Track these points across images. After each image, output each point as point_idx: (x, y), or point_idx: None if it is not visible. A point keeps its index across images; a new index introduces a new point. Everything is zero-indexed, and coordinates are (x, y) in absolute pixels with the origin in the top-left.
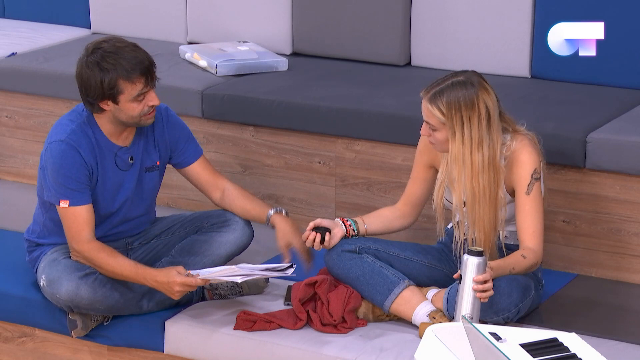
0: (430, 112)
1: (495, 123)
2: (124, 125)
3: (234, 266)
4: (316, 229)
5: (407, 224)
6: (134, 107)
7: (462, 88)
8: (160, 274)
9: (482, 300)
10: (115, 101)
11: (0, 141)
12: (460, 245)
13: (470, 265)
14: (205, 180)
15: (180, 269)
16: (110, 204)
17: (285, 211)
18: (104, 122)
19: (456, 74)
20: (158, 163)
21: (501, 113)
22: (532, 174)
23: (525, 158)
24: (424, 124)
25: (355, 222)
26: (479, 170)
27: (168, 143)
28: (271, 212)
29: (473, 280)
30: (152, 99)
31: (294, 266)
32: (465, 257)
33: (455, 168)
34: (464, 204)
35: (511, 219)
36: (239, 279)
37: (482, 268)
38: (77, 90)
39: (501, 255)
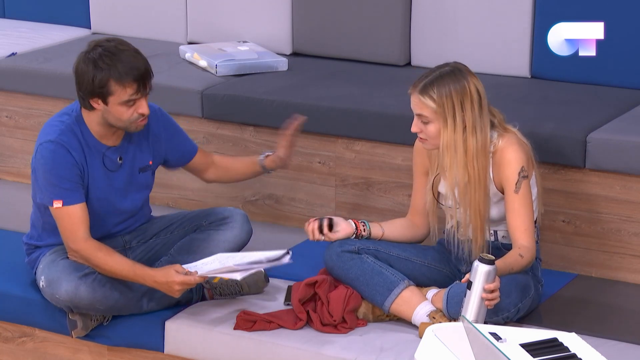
0: (422, 103)
1: (485, 108)
2: (114, 128)
3: (229, 261)
4: (320, 219)
5: (422, 234)
6: (122, 111)
7: (451, 76)
8: (158, 274)
9: (488, 307)
10: (104, 101)
11: (0, 141)
12: (458, 245)
13: (481, 273)
14: (200, 170)
15: (178, 267)
16: (103, 204)
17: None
18: (93, 123)
19: (440, 66)
20: (150, 163)
21: (488, 105)
22: (519, 172)
23: (511, 157)
24: (415, 120)
25: (368, 222)
26: (474, 155)
27: (163, 143)
28: (261, 156)
29: (484, 288)
30: (142, 108)
31: (290, 252)
32: (476, 263)
33: (447, 156)
34: (455, 193)
35: (504, 218)
36: (238, 276)
37: (493, 276)
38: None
39: (500, 255)
